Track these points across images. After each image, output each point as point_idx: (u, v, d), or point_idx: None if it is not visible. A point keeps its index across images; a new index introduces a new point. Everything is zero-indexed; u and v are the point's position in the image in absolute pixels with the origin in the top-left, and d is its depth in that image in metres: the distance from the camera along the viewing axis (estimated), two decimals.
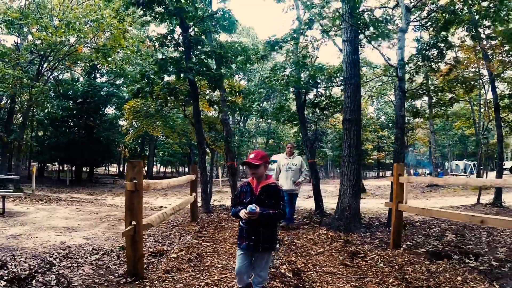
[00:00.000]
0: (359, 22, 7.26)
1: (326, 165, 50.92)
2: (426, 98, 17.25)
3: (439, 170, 37.02)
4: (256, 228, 2.86)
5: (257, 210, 2.74)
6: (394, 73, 8.49)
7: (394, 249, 5.35)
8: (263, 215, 2.78)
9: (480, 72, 15.71)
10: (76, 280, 3.37)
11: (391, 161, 40.34)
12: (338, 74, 8.88)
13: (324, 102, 10.18)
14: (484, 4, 8.20)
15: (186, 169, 44.75)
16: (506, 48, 11.71)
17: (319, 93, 10.19)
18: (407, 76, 9.50)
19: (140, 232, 3.54)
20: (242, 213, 2.79)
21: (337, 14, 6.97)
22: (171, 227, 6.83)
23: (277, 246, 5.09)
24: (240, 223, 2.96)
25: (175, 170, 52.54)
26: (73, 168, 27.15)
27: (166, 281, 3.54)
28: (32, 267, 3.53)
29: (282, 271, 4.05)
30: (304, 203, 11.61)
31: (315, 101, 10.26)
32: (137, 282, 3.45)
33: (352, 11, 7.05)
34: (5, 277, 3.11)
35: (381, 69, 14.12)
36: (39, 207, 9.85)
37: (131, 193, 3.54)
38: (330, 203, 10.50)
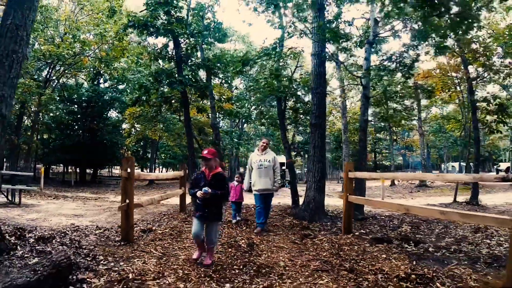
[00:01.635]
0: (324, 38, 8.28)
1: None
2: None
3: (433, 172, 37.87)
4: (207, 204, 4.11)
5: (209, 191, 4.01)
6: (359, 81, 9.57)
7: (345, 235, 6.05)
8: (213, 194, 4.06)
9: (458, 76, 16.72)
10: (84, 243, 4.66)
11: (389, 163, 41.28)
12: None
13: (303, 108, 11.31)
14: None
15: (187, 171, 45.66)
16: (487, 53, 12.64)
17: (297, 99, 11.31)
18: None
19: (132, 208, 4.86)
20: (199, 193, 4.05)
21: (303, 33, 8.12)
22: (162, 215, 8.07)
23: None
24: (197, 200, 4.18)
25: None
26: (78, 170, 28.34)
27: (149, 245, 4.83)
28: (51, 234, 4.81)
29: (240, 243, 5.22)
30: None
31: (295, 107, 11.45)
32: (128, 245, 4.74)
33: (315, 30, 8.21)
34: (33, 238, 4.42)
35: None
36: (49, 201, 11.16)
37: (125, 179, 4.90)
38: None
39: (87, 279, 3.27)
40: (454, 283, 3.53)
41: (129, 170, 4.83)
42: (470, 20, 7.14)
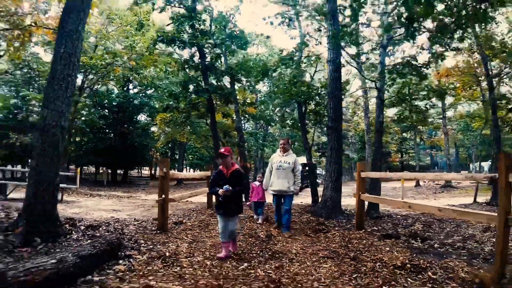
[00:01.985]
0: (339, 45, 8.75)
1: (350, 167, 50.73)
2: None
3: (461, 172, 37.03)
4: (228, 202, 4.54)
5: (229, 188, 4.45)
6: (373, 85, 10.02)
7: (357, 230, 6.37)
8: (233, 191, 4.50)
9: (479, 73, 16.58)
10: (126, 231, 5.52)
11: (414, 163, 40.76)
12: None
13: (323, 110, 11.81)
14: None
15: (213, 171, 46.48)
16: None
17: (318, 102, 11.84)
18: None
19: (167, 202, 5.78)
20: (221, 191, 4.46)
21: (318, 42, 8.73)
22: (191, 211, 8.84)
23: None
24: (219, 198, 4.59)
25: None
26: (109, 171, 29.95)
27: (181, 234, 5.63)
28: (97, 223, 5.70)
29: (259, 234, 5.87)
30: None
31: (315, 110, 11.98)
32: (163, 233, 5.55)
33: (329, 39, 8.77)
34: (83, 226, 5.33)
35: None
36: (86, 198, 12.30)
37: (162, 178, 5.82)
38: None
39: (133, 255, 4.08)
40: (446, 274, 3.78)
41: (165, 170, 5.74)
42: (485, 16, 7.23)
